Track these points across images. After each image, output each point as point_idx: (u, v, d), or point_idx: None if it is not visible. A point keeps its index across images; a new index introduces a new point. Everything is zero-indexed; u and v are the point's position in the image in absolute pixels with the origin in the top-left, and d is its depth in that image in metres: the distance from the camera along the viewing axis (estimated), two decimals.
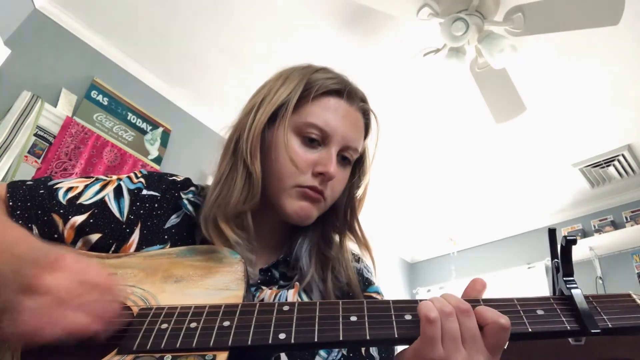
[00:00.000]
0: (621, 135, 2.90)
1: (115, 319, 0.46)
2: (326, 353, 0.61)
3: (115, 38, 2.61)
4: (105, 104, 2.52)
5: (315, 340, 0.46)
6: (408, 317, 0.48)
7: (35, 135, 2.15)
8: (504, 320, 0.45)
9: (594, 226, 3.40)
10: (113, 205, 0.64)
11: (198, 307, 0.49)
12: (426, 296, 4.22)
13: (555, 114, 2.77)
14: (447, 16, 1.98)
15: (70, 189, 0.64)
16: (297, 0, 2.26)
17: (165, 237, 0.63)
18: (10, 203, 0.60)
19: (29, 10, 2.33)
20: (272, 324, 0.47)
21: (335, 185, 0.68)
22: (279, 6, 2.30)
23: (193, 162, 2.69)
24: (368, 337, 0.46)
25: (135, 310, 0.49)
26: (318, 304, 0.49)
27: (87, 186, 0.65)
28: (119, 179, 0.68)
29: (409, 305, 0.49)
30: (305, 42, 2.46)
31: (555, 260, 0.51)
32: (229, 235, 0.60)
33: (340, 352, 0.62)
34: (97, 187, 0.65)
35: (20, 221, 0.59)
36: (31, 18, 2.33)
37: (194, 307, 0.49)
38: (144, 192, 0.66)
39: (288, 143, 0.65)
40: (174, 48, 2.62)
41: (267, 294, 0.62)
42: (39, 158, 2.14)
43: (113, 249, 0.61)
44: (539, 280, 3.49)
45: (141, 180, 0.68)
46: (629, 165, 3.08)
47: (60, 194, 0.62)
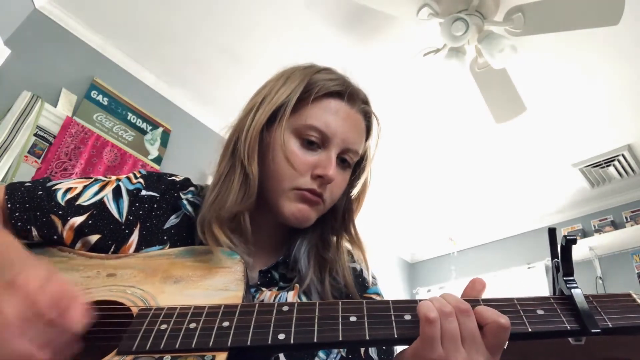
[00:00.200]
0: (621, 135, 2.90)
1: (67, 348, 0.42)
2: (325, 354, 0.61)
3: (115, 38, 2.61)
4: (105, 104, 2.52)
5: (315, 340, 0.45)
6: (408, 317, 0.48)
7: (35, 135, 2.15)
8: (503, 320, 0.45)
9: (594, 226, 3.40)
10: (112, 206, 0.63)
11: (197, 308, 0.49)
12: (426, 296, 4.23)
13: (555, 114, 2.77)
14: (447, 16, 1.98)
15: (69, 190, 0.63)
16: (298, 1, 2.27)
17: (165, 238, 0.63)
18: (9, 205, 0.60)
19: (29, 10, 2.33)
20: (272, 325, 0.46)
21: (334, 189, 0.67)
22: (279, 6, 2.30)
23: (193, 162, 2.69)
24: (367, 338, 0.46)
25: (135, 310, 0.49)
26: (317, 304, 0.49)
27: (86, 187, 0.65)
28: (118, 180, 0.67)
29: (408, 305, 0.49)
30: (306, 42, 2.46)
31: (556, 260, 0.51)
32: (222, 240, 0.59)
33: (339, 354, 0.62)
34: (96, 188, 0.65)
35: (19, 223, 0.59)
36: (31, 18, 2.33)
37: (193, 308, 0.49)
38: (143, 193, 0.66)
39: (287, 145, 0.65)
40: (174, 48, 2.62)
41: (267, 295, 0.62)
42: (39, 158, 2.14)
43: (112, 249, 0.61)
44: (539, 280, 3.49)
45: (140, 180, 0.68)
46: (629, 165, 3.08)
47: (59, 195, 0.62)
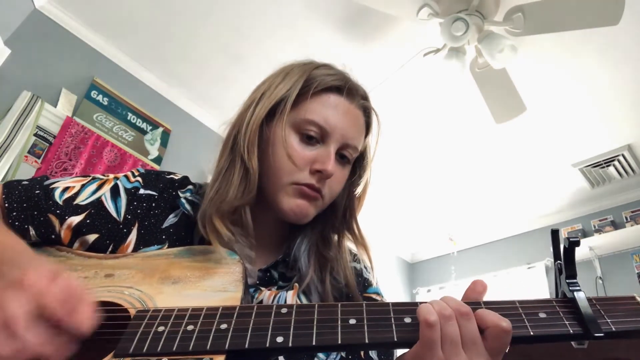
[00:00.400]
0: (621, 135, 2.90)
1: (66, 348, 0.42)
2: (325, 355, 0.60)
3: (115, 38, 2.61)
4: (105, 104, 2.52)
5: (314, 343, 0.45)
6: (408, 320, 0.47)
7: (35, 135, 2.15)
8: (505, 323, 0.45)
9: (594, 226, 3.40)
10: (110, 205, 0.63)
11: (195, 310, 0.48)
12: (426, 296, 4.20)
13: (555, 114, 2.77)
14: (447, 16, 1.98)
15: (66, 189, 0.63)
16: (297, 1, 2.26)
17: (163, 237, 0.62)
18: (6, 204, 0.59)
19: (29, 10, 2.32)
20: (270, 327, 0.46)
21: (333, 184, 0.67)
22: (279, 6, 2.30)
23: (193, 162, 2.68)
24: (367, 341, 0.45)
25: (132, 312, 0.49)
26: (316, 306, 0.49)
27: (84, 186, 0.64)
28: (116, 178, 0.66)
29: (408, 308, 0.48)
30: (305, 42, 2.46)
31: (558, 262, 0.50)
32: (223, 232, 0.59)
33: (339, 354, 0.62)
34: (94, 187, 0.64)
35: (17, 222, 0.58)
36: (31, 18, 2.33)
37: (191, 310, 0.48)
38: (141, 192, 0.65)
39: (286, 139, 0.64)
40: (174, 48, 2.62)
41: (266, 295, 0.62)
42: (39, 158, 2.14)
43: (110, 249, 0.60)
44: (539, 280, 3.48)
45: (138, 179, 0.67)
46: (629, 165, 3.08)
47: (57, 194, 0.61)
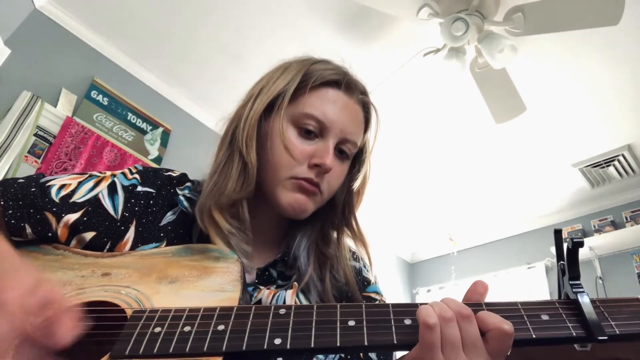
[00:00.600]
0: (621, 135, 2.90)
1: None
2: (324, 355, 0.60)
3: (115, 38, 2.60)
4: (105, 104, 2.52)
5: (312, 345, 0.44)
6: (408, 322, 0.46)
7: (35, 135, 2.15)
8: (507, 326, 0.44)
9: (594, 226, 3.40)
10: (107, 203, 0.62)
11: (192, 310, 0.47)
12: (426, 296, 4.19)
13: (555, 114, 2.77)
14: (447, 16, 1.98)
15: (63, 187, 0.62)
16: (297, 1, 2.26)
17: (161, 235, 0.61)
18: (2, 202, 0.58)
19: (29, 10, 2.32)
20: (268, 329, 0.45)
21: (332, 179, 0.66)
22: (279, 6, 2.30)
23: (193, 162, 2.67)
24: (366, 343, 0.44)
25: (129, 312, 0.48)
26: (315, 307, 0.48)
27: (81, 183, 0.63)
28: (113, 175, 0.66)
29: (408, 310, 0.47)
30: (305, 42, 2.46)
31: (561, 262, 0.49)
32: (222, 225, 0.58)
33: (338, 355, 0.61)
34: (91, 184, 0.63)
35: (13, 220, 0.57)
36: (31, 18, 2.33)
37: (188, 310, 0.47)
38: (139, 189, 0.64)
39: (284, 133, 0.64)
40: (174, 48, 2.62)
41: (265, 294, 0.61)
42: (39, 158, 2.13)
43: (108, 247, 0.59)
44: (539, 280, 3.48)
45: (136, 176, 0.66)
46: (629, 165, 3.08)
47: (53, 192, 0.60)
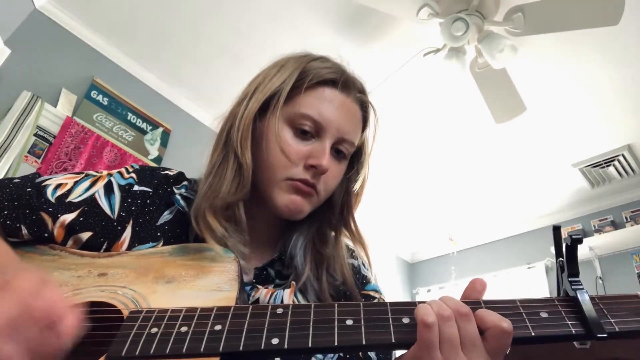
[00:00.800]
0: (621, 135, 2.90)
1: (50, 357, 0.40)
2: (322, 355, 0.59)
3: (115, 38, 2.61)
4: (105, 104, 2.52)
5: (309, 345, 0.44)
6: (406, 321, 0.46)
7: (35, 135, 2.15)
8: (506, 324, 0.43)
9: (594, 226, 3.40)
10: (103, 202, 0.61)
11: (189, 310, 0.47)
12: (426, 296, 4.20)
13: (555, 114, 2.77)
14: (447, 16, 1.98)
15: (59, 186, 0.61)
16: (297, 1, 2.26)
17: (158, 234, 0.61)
18: None
19: (29, 10, 2.32)
20: (265, 329, 0.45)
21: (328, 180, 0.65)
22: (279, 6, 2.30)
23: (193, 163, 2.66)
24: (364, 342, 0.44)
25: (125, 313, 0.48)
26: (313, 307, 0.47)
27: (77, 183, 0.62)
28: (110, 175, 0.65)
29: (406, 308, 0.47)
30: (306, 42, 2.43)
31: (560, 259, 0.49)
32: (216, 228, 0.58)
33: (337, 354, 0.61)
34: (87, 184, 0.63)
35: (8, 221, 0.57)
36: (31, 18, 2.33)
37: (185, 310, 0.47)
38: (136, 188, 0.64)
39: (279, 133, 0.63)
40: (174, 48, 2.62)
41: (263, 293, 0.61)
42: (39, 158, 2.14)
43: (104, 247, 0.59)
44: (539, 280, 3.48)
45: (132, 175, 0.65)
46: (629, 165, 3.08)
47: (49, 192, 0.60)
